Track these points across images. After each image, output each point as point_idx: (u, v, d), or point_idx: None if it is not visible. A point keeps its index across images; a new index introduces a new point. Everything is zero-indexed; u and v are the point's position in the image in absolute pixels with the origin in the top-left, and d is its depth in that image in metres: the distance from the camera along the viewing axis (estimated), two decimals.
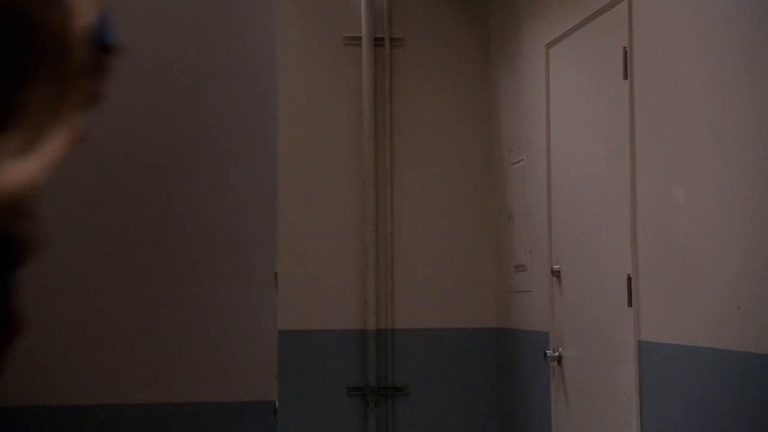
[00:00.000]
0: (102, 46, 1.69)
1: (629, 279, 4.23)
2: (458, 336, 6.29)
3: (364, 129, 6.31)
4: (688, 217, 3.75)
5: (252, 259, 2.58)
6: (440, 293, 6.30)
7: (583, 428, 4.79)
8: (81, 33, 1.57)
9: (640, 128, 4.16)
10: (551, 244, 5.20)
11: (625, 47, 4.26)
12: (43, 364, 2.46)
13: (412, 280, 6.30)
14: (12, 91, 1.51)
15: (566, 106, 5.02)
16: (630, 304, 4.23)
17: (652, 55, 4.07)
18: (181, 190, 2.57)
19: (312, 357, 6.24)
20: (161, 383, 2.52)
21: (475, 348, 6.28)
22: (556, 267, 5.12)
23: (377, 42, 6.37)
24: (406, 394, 6.27)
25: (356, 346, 6.27)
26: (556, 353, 5.08)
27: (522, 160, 5.69)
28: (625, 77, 4.25)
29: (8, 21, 1.51)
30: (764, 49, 3.29)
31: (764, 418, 3.24)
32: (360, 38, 6.33)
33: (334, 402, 6.25)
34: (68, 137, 1.55)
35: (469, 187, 6.39)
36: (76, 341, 2.50)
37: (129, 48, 1.89)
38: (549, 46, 5.20)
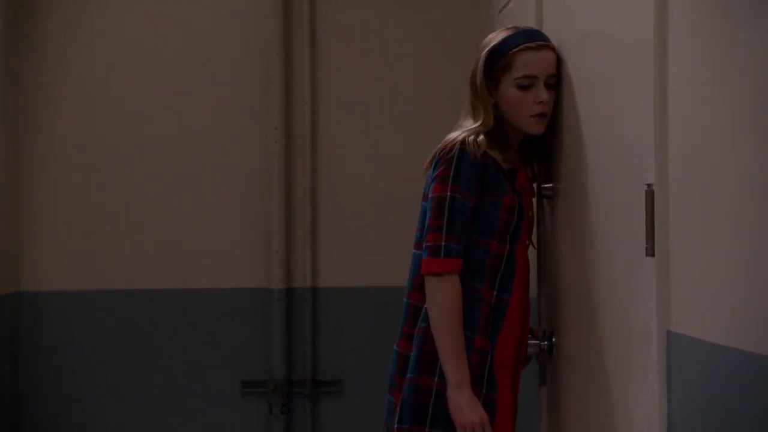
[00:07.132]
0: None
1: (650, 196, 1.99)
2: None
3: None
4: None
5: None
6: (391, 232, 4.06)
7: None
8: None
9: None
10: None
11: None
12: None
13: (346, 209, 4.14)
14: None
15: None
16: (651, 252, 1.99)
17: None
18: None
19: (190, 333, 4.14)
20: None
21: None
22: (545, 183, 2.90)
23: None
24: (337, 392, 4.12)
25: (255, 315, 4.13)
26: (544, 342, 2.85)
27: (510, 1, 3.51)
28: None
29: None
30: None
31: None
32: None
33: (223, 404, 4.13)
34: None
35: (439, 56, 4.13)
36: None
37: None
38: None
